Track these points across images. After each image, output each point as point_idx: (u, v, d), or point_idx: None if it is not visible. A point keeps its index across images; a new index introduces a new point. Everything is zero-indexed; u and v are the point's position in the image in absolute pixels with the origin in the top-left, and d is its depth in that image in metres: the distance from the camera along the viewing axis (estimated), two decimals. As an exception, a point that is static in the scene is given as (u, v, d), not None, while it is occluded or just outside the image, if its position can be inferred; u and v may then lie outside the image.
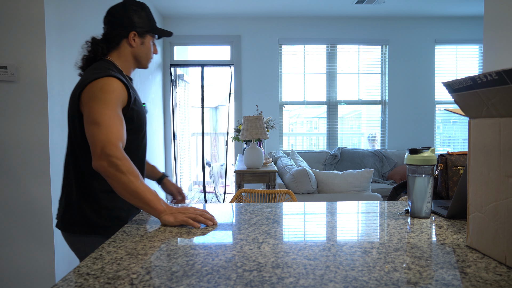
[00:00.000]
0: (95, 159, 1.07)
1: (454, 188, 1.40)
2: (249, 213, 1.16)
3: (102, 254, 0.80)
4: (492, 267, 0.70)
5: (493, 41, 2.70)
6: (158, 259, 0.77)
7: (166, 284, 0.64)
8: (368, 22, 5.27)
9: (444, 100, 5.41)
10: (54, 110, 2.20)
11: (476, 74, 0.72)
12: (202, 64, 5.23)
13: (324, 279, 0.66)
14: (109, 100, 1.14)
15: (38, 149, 2.11)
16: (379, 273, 0.68)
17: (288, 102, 5.38)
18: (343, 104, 5.42)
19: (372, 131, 5.61)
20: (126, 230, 1.00)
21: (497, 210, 0.73)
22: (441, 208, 1.14)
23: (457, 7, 4.89)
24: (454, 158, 1.42)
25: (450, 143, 5.65)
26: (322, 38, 5.28)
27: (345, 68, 5.40)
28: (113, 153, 1.05)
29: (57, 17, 2.25)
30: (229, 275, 0.68)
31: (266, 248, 0.83)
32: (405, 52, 5.33)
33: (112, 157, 1.05)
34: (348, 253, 0.79)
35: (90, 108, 1.13)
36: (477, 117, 0.79)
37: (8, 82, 2.07)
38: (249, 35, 5.19)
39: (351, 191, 3.18)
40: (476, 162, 0.80)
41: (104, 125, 1.09)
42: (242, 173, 3.21)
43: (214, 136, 8.12)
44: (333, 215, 1.16)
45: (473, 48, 5.44)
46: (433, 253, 0.79)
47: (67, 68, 2.39)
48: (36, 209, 2.12)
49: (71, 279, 0.67)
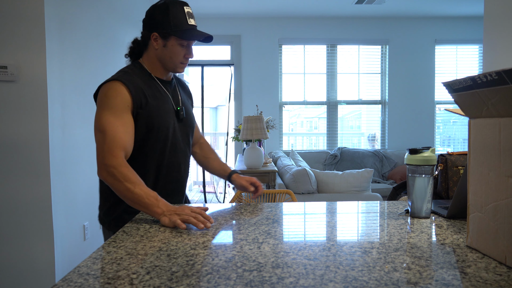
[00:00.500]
0: (98, 169, 1.13)
1: (454, 188, 1.40)
2: (249, 213, 1.16)
3: (102, 254, 0.80)
4: (492, 267, 0.70)
5: (493, 41, 2.70)
6: (158, 259, 0.77)
7: (166, 284, 0.64)
8: (368, 22, 5.27)
9: (444, 100, 5.41)
10: (54, 110, 2.20)
11: (476, 74, 0.72)
12: (202, 64, 5.23)
13: (324, 279, 0.66)
14: (113, 106, 1.17)
15: (38, 148, 2.11)
16: (379, 273, 0.68)
17: (288, 102, 5.38)
18: (343, 104, 5.42)
19: (372, 131, 5.61)
20: (126, 230, 1.00)
21: (497, 210, 0.73)
22: (441, 208, 1.14)
23: (457, 7, 4.89)
24: (454, 158, 1.42)
25: (450, 143, 5.65)
26: (322, 38, 5.28)
27: (345, 68, 5.40)
28: (110, 163, 1.10)
29: (57, 17, 2.25)
30: (229, 275, 0.68)
31: (266, 248, 0.83)
32: (405, 52, 5.33)
33: (110, 166, 1.10)
34: (348, 253, 0.79)
35: (96, 114, 1.19)
36: (477, 117, 0.79)
37: (8, 82, 2.07)
38: (249, 35, 5.19)
39: (351, 191, 3.18)
40: (476, 162, 0.80)
41: (107, 133, 1.13)
42: (242, 173, 3.21)
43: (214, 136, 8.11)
44: (333, 215, 1.16)
45: (473, 48, 5.44)
46: (433, 253, 0.79)
47: (67, 68, 2.39)
48: (36, 208, 2.12)
49: (71, 279, 0.67)
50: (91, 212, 2.73)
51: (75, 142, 2.49)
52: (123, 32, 3.42)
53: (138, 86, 1.24)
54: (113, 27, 3.20)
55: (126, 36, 3.47)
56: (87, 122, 2.68)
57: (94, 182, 2.81)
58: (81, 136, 2.59)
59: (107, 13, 3.08)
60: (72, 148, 2.45)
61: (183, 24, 1.25)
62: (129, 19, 3.61)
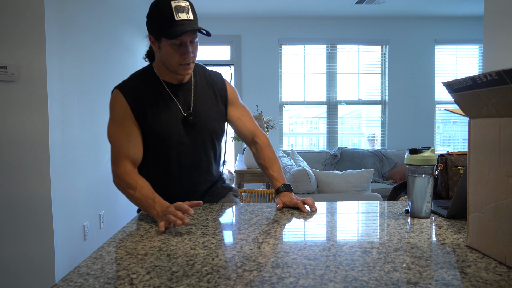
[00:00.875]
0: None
1: (454, 188, 1.40)
2: (249, 213, 1.16)
3: (102, 254, 0.80)
4: (492, 267, 0.70)
5: (493, 41, 2.70)
6: (158, 259, 0.77)
7: (166, 284, 0.64)
8: (368, 22, 5.27)
9: (444, 100, 5.41)
10: (54, 109, 2.20)
11: (476, 74, 0.72)
12: (202, 64, 5.23)
13: (324, 279, 0.66)
14: (114, 116, 1.22)
15: (38, 148, 2.11)
16: (379, 273, 0.68)
17: (288, 102, 5.38)
18: (343, 104, 5.42)
19: (372, 131, 5.61)
20: (126, 230, 1.00)
21: (497, 210, 0.73)
22: (441, 208, 1.14)
23: (457, 7, 4.89)
24: (454, 158, 1.42)
25: (450, 143, 5.65)
26: (322, 38, 5.28)
27: (345, 68, 5.40)
28: (115, 173, 1.20)
29: (57, 17, 2.25)
30: (229, 275, 0.68)
31: (266, 248, 0.83)
32: (405, 52, 5.33)
33: (115, 176, 1.20)
34: (348, 253, 0.79)
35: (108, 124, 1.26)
36: (477, 117, 0.79)
37: (8, 82, 2.07)
38: (249, 35, 5.19)
39: (351, 191, 3.18)
40: (476, 162, 0.80)
41: (112, 144, 1.22)
42: (242, 173, 3.21)
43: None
44: (333, 215, 1.16)
45: (473, 48, 5.43)
46: (433, 253, 0.79)
47: (67, 68, 2.39)
48: (36, 208, 2.12)
49: (71, 279, 0.67)
50: (91, 212, 2.73)
51: (75, 142, 2.49)
52: (123, 32, 3.42)
53: (138, 93, 1.22)
54: (113, 27, 3.20)
55: (126, 36, 3.47)
56: (87, 122, 2.68)
57: (94, 182, 2.82)
58: (81, 136, 2.59)
59: (108, 13, 3.08)
60: (72, 148, 2.45)
61: (169, 21, 1.12)
62: (130, 19, 3.61)
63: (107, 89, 3.02)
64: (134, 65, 3.71)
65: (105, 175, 3.00)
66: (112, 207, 3.14)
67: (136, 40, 3.79)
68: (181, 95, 1.29)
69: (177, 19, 1.12)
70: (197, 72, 1.36)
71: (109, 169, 3.07)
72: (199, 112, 1.30)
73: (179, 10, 1.13)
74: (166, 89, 1.27)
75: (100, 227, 2.87)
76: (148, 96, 1.23)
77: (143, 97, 1.23)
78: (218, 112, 1.36)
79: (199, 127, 1.29)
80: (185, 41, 1.15)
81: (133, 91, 1.22)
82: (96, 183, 2.83)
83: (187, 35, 1.14)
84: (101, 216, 2.88)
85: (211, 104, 1.34)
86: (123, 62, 3.42)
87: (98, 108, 2.85)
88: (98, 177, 2.87)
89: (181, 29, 1.12)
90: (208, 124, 1.32)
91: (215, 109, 1.35)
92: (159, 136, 1.24)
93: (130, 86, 1.23)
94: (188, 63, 1.20)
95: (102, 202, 2.93)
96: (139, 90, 1.23)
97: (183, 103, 1.28)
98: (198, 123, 1.29)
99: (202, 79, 1.36)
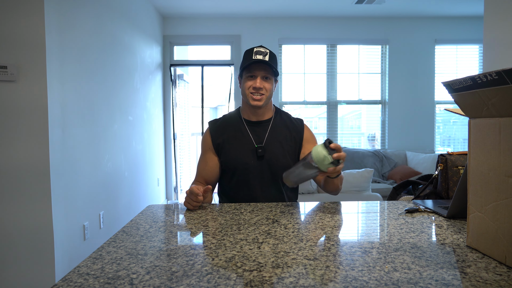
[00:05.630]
0: None
1: (454, 188, 1.40)
2: (249, 213, 1.16)
3: (102, 254, 0.80)
4: (492, 267, 0.70)
5: (493, 41, 2.69)
6: (158, 259, 0.77)
7: (166, 284, 0.64)
8: (368, 22, 5.27)
9: (444, 100, 5.41)
10: (54, 110, 2.20)
11: (476, 74, 0.72)
12: (202, 64, 5.23)
13: (324, 279, 0.66)
14: (202, 146, 1.52)
15: (38, 148, 2.11)
16: (379, 273, 0.68)
17: (288, 102, 5.38)
18: (343, 104, 5.42)
19: (372, 131, 5.61)
20: (126, 230, 1.00)
21: (497, 210, 0.73)
22: (441, 208, 1.14)
23: (457, 7, 4.89)
24: (454, 158, 1.42)
25: (450, 143, 5.65)
26: (322, 38, 5.28)
27: (345, 68, 5.40)
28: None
29: (57, 17, 2.25)
30: (229, 275, 0.68)
31: (266, 248, 0.83)
32: (405, 52, 5.33)
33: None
34: (348, 253, 0.79)
35: None
36: (477, 117, 0.79)
37: (8, 82, 2.07)
38: (249, 35, 5.19)
39: (351, 191, 3.18)
40: (476, 162, 0.80)
41: (197, 168, 1.53)
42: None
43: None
44: (333, 215, 1.16)
45: (473, 48, 5.43)
46: (433, 253, 0.79)
47: (67, 68, 2.39)
48: (36, 208, 2.12)
49: (71, 279, 0.67)
50: (91, 212, 2.73)
51: (75, 142, 2.49)
52: (123, 32, 3.42)
53: (221, 129, 1.49)
54: (113, 27, 3.20)
55: (126, 36, 3.46)
56: (87, 122, 2.68)
57: (94, 182, 2.82)
58: (81, 136, 2.59)
59: (107, 13, 3.08)
60: (72, 148, 2.45)
61: (248, 60, 1.40)
62: (130, 19, 3.60)
63: (107, 89, 3.02)
64: (134, 65, 3.71)
65: (105, 175, 3.00)
66: (112, 207, 3.14)
67: (136, 40, 3.79)
68: (258, 130, 1.48)
69: (254, 58, 1.39)
70: (279, 114, 1.55)
71: (109, 169, 3.08)
72: (270, 147, 1.45)
73: (257, 53, 1.40)
74: (244, 125, 1.49)
75: (100, 227, 2.87)
76: (229, 131, 1.48)
77: (224, 132, 1.48)
78: (289, 150, 1.48)
79: (267, 160, 1.44)
80: (256, 75, 1.40)
81: (218, 126, 1.50)
82: (96, 183, 2.83)
83: (257, 67, 1.39)
84: (101, 216, 2.88)
85: (284, 141, 1.48)
86: (123, 62, 3.42)
87: (98, 108, 2.85)
88: (98, 177, 2.87)
89: (253, 62, 1.38)
90: (274, 159, 1.44)
91: (286, 147, 1.48)
92: (229, 163, 1.45)
93: (217, 123, 1.52)
94: (257, 92, 1.40)
95: (102, 202, 2.93)
96: (223, 126, 1.50)
97: (257, 137, 1.47)
98: (267, 156, 1.44)
99: (282, 121, 1.53)
